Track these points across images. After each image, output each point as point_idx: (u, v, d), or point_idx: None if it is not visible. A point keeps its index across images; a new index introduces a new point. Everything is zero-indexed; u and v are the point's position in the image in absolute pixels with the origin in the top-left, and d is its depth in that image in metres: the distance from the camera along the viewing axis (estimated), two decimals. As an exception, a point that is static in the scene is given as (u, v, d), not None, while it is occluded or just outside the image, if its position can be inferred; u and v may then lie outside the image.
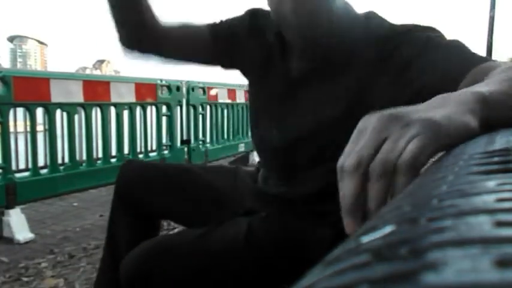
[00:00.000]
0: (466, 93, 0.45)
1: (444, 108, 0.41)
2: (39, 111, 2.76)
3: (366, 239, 0.17)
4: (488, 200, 0.18)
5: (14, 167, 2.84)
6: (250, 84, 1.02)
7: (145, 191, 1.04)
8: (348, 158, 0.37)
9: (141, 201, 1.05)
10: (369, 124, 0.38)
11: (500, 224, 0.14)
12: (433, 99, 0.44)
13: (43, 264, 2.06)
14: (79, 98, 2.95)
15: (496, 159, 0.27)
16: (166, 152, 3.84)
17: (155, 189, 1.04)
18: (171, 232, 2.15)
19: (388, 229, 0.17)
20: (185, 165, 1.26)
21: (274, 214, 0.96)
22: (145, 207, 1.06)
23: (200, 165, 1.20)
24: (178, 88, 3.91)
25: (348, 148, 0.39)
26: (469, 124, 0.40)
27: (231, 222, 0.97)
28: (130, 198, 1.06)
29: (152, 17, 0.96)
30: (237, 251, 0.92)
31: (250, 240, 0.91)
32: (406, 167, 0.35)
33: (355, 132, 0.39)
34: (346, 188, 0.37)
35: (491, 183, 0.20)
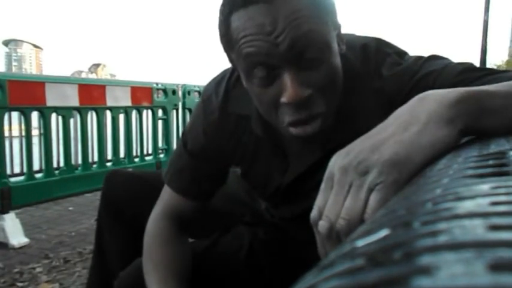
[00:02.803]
0: (441, 97, 0.40)
1: (412, 127, 0.38)
2: (34, 115, 2.75)
3: (360, 243, 0.17)
4: (483, 203, 0.18)
5: (8, 172, 2.82)
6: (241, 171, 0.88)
7: (131, 203, 1.02)
8: (319, 219, 0.40)
9: (128, 212, 1.02)
10: (334, 172, 0.40)
11: (494, 228, 0.14)
12: (401, 112, 0.41)
13: (38, 269, 2.05)
14: (74, 101, 2.94)
15: (490, 162, 0.27)
16: (162, 155, 3.83)
17: (141, 200, 1.01)
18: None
19: (382, 233, 0.17)
20: None
21: (273, 237, 0.95)
22: (133, 218, 1.03)
23: None
24: (174, 92, 3.91)
25: (318, 201, 0.41)
26: (443, 139, 0.38)
27: (229, 239, 0.95)
28: (117, 210, 1.03)
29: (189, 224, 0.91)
30: (237, 271, 0.91)
31: (251, 261, 0.91)
32: None
33: (324, 181, 0.41)
34: (323, 250, 0.40)
35: (485, 187, 0.20)
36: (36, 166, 2.84)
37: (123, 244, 1.02)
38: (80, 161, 3.16)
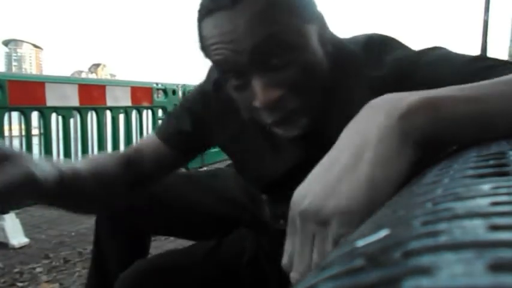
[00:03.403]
0: (392, 107, 0.36)
1: (364, 154, 0.35)
2: (34, 115, 2.75)
3: (360, 243, 0.17)
4: (483, 203, 0.18)
5: (8, 171, 2.82)
6: (231, 157, 0.88)
7: (129, 214, 0.99)
8: (290, 267, 0.38)
9: (126, 223, 1.00)
10: (295, 217, 0.37)
11: (494, 228, 0.14)
12: (351, 132, 0.38)
13: (38, 269, 2.05)
14: (74, 101, 2.94)
15: (491, 162, 0.27)
16: (162, 155, 3.83)
17: (139, 209, 0.99)
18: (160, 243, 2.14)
19: (382, 233, 0.17)
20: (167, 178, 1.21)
21: (278, 245, 0.94)
22: (132, 227, 1.01)
23: (182, 174, 1.12)
24: (174, 92, 3.91)
25: (287, 246, 0.39)
26: (398, 168, 0.34)
27: (232, 243, 0.94)
28: (114, 221, 1.02)
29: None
30: (239, 277, 0.90)
31: (254, 267, 0.90)
32: None
33: (289, 224, 0.39)
34: None
35: (486, 187, 0.20)
36: (36, 166, 2.84)
37: (123, 254, 1.00)
38: (80, 161, 3.16)
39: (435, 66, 0.59)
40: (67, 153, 2.94)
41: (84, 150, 3.10)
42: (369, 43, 0.66)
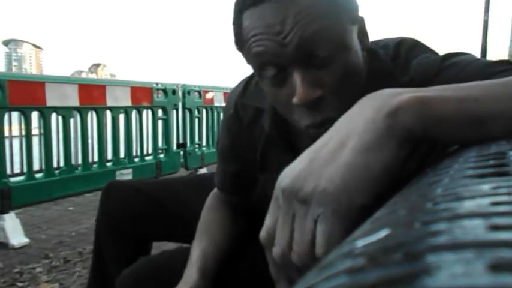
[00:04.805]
0: (381, 102, 0.37)
1: (349, 142, 0.36)
2: (34, 115, 2.75)
3: (361, 243, 0.17)
4: (483, 203, 0.18)
5: (8, 171, 2.82)
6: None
7: (133, 222, 1.01)
8: (268, 241, 0.40)
9: (130, 232, 1.01)
10: (279, 194, 0.39)
11: (494, 228, 0.14)
12: (342, 121, 0.39)
13: (38, 269, 2.05)
14: (74, 101, 2.94)
15: (491, 162, 0.27)
16: (162, 155, 3.83)
17: (143, 219, 1.01)
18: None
19: (383, 233, 0.17)
20: (168, 182, 1.19)
21: None
22: (137, 236, 1.03)
23: (185, 181, 1.13)
24: (174, 92, 3.91)
25: (267, 221, 0.41)
26: (380, 159, 0.35)
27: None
28: (116, 229, 1.02)
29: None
30: (240, 280, 0.90)
31: (254, 272, 0.90)
32: (326, 254, 0.32)
33: (272, 201, 0.40)
34: (275, 271, 0.42)
35: (486, 187, 0.20)
36: (36, 166, 2.85)
37: (126, 263, 1.00)
38: (80, 161, 3.16)
39: (458, 68, 0.60)
40: (67, 154, 2.94)
41: (84, 150, 3.09)
42: (398, 48, 0.66)
